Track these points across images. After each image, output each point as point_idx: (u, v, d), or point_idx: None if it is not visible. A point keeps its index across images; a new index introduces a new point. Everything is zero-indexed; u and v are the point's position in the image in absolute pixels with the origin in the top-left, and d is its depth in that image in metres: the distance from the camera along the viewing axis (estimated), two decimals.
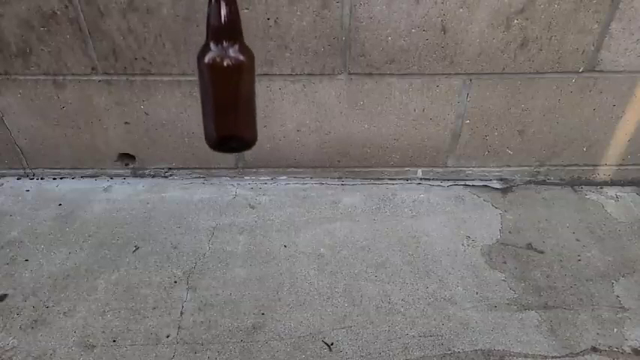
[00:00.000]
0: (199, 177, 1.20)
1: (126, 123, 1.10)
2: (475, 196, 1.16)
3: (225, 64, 0.63)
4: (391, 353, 0.81)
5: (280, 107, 1.07)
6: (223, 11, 0.61)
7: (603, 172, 1.19)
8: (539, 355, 0.81)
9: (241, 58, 0.63)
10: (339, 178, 1.20)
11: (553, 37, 0.98)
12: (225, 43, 0.63)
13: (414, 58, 1.00)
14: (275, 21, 0.95)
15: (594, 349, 0.82)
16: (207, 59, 0.64)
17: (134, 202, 1.12)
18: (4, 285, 0.92)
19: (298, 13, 0.94)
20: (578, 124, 1.11)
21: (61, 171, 1.19)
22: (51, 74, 1.02)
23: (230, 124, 0.72)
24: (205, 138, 0.73)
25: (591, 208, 1.13)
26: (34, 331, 0.83)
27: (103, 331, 0.84)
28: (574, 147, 1.15)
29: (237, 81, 0.65)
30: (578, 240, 1.04)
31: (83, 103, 1.06)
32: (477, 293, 0.91)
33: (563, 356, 0.81)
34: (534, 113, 1.09)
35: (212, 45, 0.65)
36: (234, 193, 1.15)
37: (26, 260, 0.97)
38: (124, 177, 1.20)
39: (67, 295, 0.90)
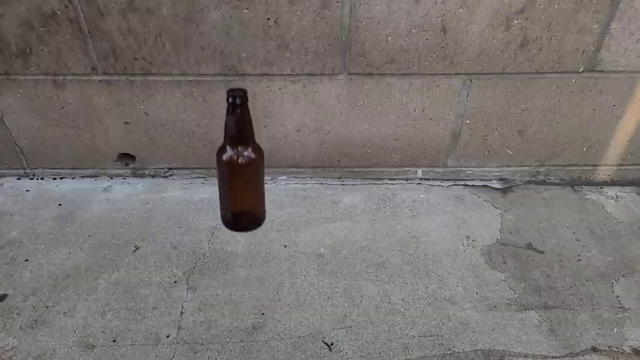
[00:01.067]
0: (199, 177, 1.20)
1: (126, 123, 1.10)
2: (475, 196, 1.16)
3: (239, 161, 0.74)
4: (391, 353, 0.81)
5: (280, 107, 1.07)
6: (238, 123, 0.73)
7: (603, 172, 1.19)
8: (539, 355, 0.81)
9: (253, 156, 0.75)
10: (339, 178, 1.20)
11: (553, 37, 0.98)
12: (239, 147, 0.74)
13: (414, 58, 1.00)
14: (275, 21, 0.95)
15: (594, 349, 0.82)
16: (224, 158, 0.75)
17: (134, 202, 1.12)
18: (4, 285, 0.92)
19: (298, 13, 0.95)
20: (578, 124, 1.11)
21: (61, 171, 1.19)
22: (51, 74, 1.02)
23: (242, 204, 0.84)
24: (221, 217, 0.83)
25: (591, 208, 1.13)
26: (34, 331, 0.83)
27: (103, 331, 0.84)
28: (574, 147, 1.15)
29: (249, 174, 0.76)
30: (578, 240, 1.04)
31: (83, 103, 1.06)
32: (477, 293, 0.92)
33: (563, 356, 0.81)
34: (534, 113, 1.09)
35: (228, 147, 0.75)
36: None
37: (26, 260, 0.97)
38: (124, 177, 1.20)
39: (67, 295, 0.90)
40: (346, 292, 0.92)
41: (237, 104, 0.74)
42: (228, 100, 0.73)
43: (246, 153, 0.75)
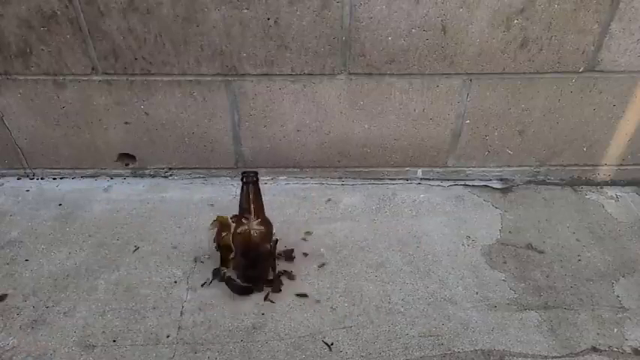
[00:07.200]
0: (199, 177, 1.20)
1: (126, 123, 1.10)
2: (475, 196, 1.16)
3: (251, 233, 0.84)
4: (391, 353, 0.81)
5: (280, 107, 1.07)
6: (249, 198, 0.82)
7: (603, 172, 1.19)
8: (539, 355, 0.81)
9: (262, 229, 0.84)
10: (339, 178, 1.20)
11: (553, 37, 0.98)
12: (251, 220, 0.84)
13: (414, 58, 1.00)
14: (275, 21, 0.95)
15: (594, 349, 0.82)
16: (239, 230, 0.84)
17: (134, 202, 1.12)
18: (4, 285, 0.92)
19: (298, 13, 0.95)
20: (578, 124, 1.11)
21: (61, 171, 1.19)
22: (51, 74, 1.02)
23: (254, 270, 0.91)
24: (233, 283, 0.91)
25: (591, 208, 1.13)
26: (34, 331, 0.83)
27: (103, 331, 0.84)
28: (574, 147, 1.15)
29: (259, 243, 0.85)
30: (578, 240, 1.04)
31: (83, 103, 1.06)
32: (477, 293, 0.92)
33: (563, 356, 0.81)
34: (534, 113, 1.09)
35: (242, 219, 0.84)
36: (235, 193, 1.15)
37: (26, 260, 0.97)
38: (124, 177, 1.20)
39: (67, 295, 0.90)
40: (346, 292, 0.92)
41: (250, 184, 0.83)
42: (242, 179, 0.83)
43: (256, 225, 0.84)
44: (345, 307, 0.89)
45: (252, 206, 0.84)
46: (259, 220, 0.85)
